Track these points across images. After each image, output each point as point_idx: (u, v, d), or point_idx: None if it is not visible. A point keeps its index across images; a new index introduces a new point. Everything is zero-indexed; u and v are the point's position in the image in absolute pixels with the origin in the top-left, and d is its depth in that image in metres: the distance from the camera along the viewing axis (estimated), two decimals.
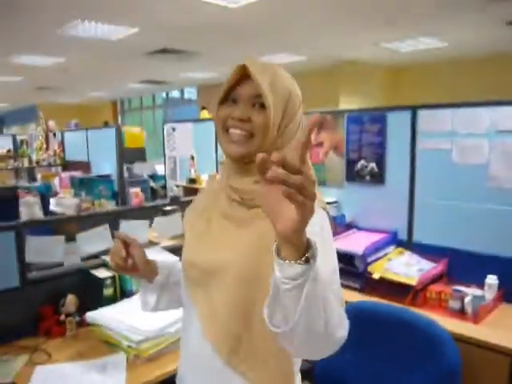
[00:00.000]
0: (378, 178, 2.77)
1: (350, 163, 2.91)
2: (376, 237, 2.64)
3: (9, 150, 6.81)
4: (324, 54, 6.89)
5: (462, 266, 2.45)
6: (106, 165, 5.01)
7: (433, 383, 1.46)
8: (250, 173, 1.02)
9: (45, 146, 6.38)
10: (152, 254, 2.16)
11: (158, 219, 2.51)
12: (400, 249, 2.65)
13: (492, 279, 2.25)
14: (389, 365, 1.61)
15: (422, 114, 2.58)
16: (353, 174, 2.90)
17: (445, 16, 4.66)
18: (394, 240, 2.69)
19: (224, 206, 1.07)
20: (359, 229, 2.86)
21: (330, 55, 6.96)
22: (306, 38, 5.89)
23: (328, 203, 2.88)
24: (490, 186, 2.35)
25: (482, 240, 2.40)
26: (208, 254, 1.05)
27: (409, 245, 2.67)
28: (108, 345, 1.83)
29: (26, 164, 6.27)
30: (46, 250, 2.00)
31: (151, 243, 2.53)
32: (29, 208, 2.11)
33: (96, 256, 2.21)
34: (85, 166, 5.51)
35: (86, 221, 2.27)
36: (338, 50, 6.67)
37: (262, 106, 1.00)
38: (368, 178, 2.82)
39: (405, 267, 2.41)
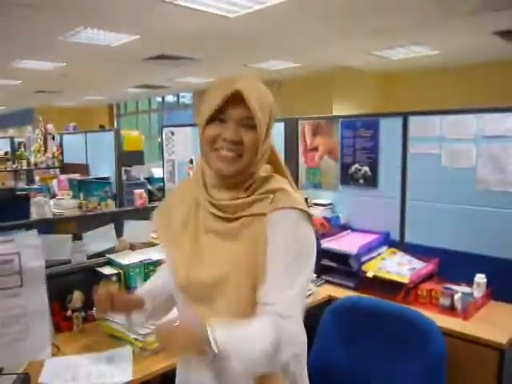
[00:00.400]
0: (371, 181, 2.88)
1: (345, 167, 3.01)
2: (369, 237, 2.74)
3: (6, 153, 6.86)
4: (318, 61, 7.00)
5: (452, 265, 2.55)
6: (104, 167, 5.08)
7: (421, 370, 1.55)
8: (232, 187, 1.12)
9: (43, 148, 6.44)
10: (153, 254, 2.26)
11: None
12: (392, 249, 2.75)
13: (480, 278, 2.36)
14: (379, 356, 1.70)
15: (413, 120, 2.69)
16: (347, 178, 3.00)
17: (434, 25, 4.79)
18: (387, 241, 2.80)
19: (209, 223, 1.13)
20: (353, 230, 2.96)
21: (324, 62, 7.08)
22: (301, 46, 6.01)
23: (323, 205, 3.02)
24: (478, 189, 2.46)
25: (471, 240, 2.50)
26: (208, 270, 1.10)
27: (401, 245, 2.77)
28: (114, 338, 1.91)
29: (25, 166, 6.33)
30: (54, 248, 2.08)
31: (152, 244, 2.62)
32: (39, 208, 2.19)
33: (101, 254, 2.30)
34: (83, 168, 5.57)
35: (91, 221, 2.36)
36: (331, 57, 6.79)
37: (251, 127, 1.06)
38: (361, 181, 2.93)
39: (397, 266, 2.51)
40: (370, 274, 2.45)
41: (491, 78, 6.63)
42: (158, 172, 5.60)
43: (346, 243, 2.71)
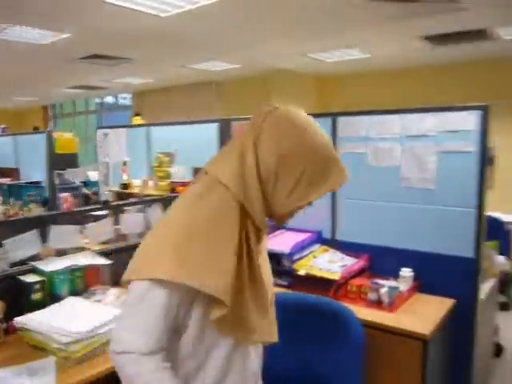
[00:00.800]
0: None
1: None
2: (303, 236, 2.79)
3: None
4: (256, 62, 7.04)
5: (382, 260, 2.65)
6: (35, 171, 4.88)
7: (344, 358, 1.60)
8: None
9: None
10: (80, 259, 2.18)
11: (89, 225, 2.53)
12: (324, 247, 2.81)
13: (406, 271, 2.46)
14: (309, 345, 1.74)
15: (341, 121, 2.76)
16: None
17: (365, 29, 4.94)
18: (320, 239, 2.86)
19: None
20: (287, 229, 3.00)
21: (261, 64, 7.13)
22: (237, 47, 6.01)
23: None
24: (403, 186, 2.56)
25: (399, 236, 2.61)
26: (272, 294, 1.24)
27: (333, 243, 2.84)
28: (37, 349, 1.83)
29: None
30: None
31: (83, 249, 2.54)
32: None
33: (25, 262, 2.19)
34: (13, 172, 5.33)
35: (14, 226, 2.25)
36: (268, 59, 6.84)
37: None
38: None
39: (328, 264, 2.57)
40: (301, 272, 2.49)
41: (421, 81, 6.93)
42: (94, 175, 5.43)
43: (280, 242, 2.74)
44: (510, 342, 3.79)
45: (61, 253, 2.39)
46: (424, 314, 2.25)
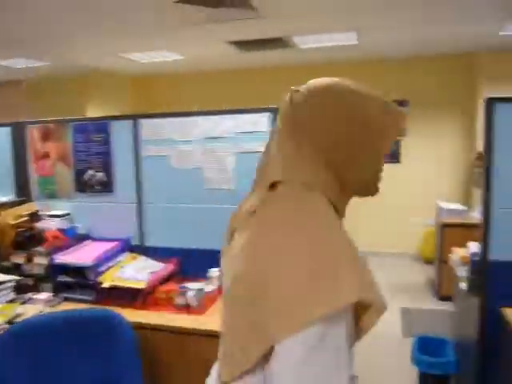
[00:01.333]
0: (107, 186, 2.77)
1: (79, 173, 2.83)
2: (108, 246, 2.64)
3: None
4: (69, 60, 6.56)
5: (192, 263, 2.64)
6: None
7: (120, 359, 1.52)
8: None
9: None
10: None
11: None
12: (134, 254, 2.69)
13: (213, 271, 2.49)
14: (82, 359, 1.61)
15: (143, 123, 2.68)
16: (82, 185, 2.83)
17: (173, 32, 4.92)
18: (128, 246, 2.73)
19: None
20: (94, 239, 2.81)
21: (75, 62, 6.67)
22: (43, 44, 5.52)
23: (59, 216, 2.79)
24: (206, 188, 2.59)
25: (206, 237, 2.62)
26: None
27: (142, 250, 2.74)
28: None
29: None
30: None
31: None
32: None
33: None
34: None
35: None
36: (82, 58, 6.43)
37: None
38: (98, 187, 2.80)
39: (136, 272, 2.47)
40: (106, 285, 2.35)
41: (234, 84, 7.26)
42: None
43: (84, 255, 2.54)
44: None
45: None
46: None
